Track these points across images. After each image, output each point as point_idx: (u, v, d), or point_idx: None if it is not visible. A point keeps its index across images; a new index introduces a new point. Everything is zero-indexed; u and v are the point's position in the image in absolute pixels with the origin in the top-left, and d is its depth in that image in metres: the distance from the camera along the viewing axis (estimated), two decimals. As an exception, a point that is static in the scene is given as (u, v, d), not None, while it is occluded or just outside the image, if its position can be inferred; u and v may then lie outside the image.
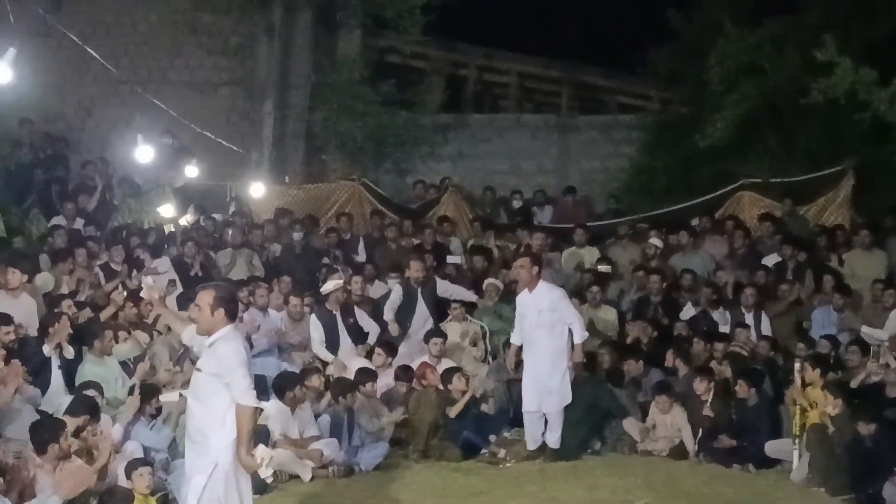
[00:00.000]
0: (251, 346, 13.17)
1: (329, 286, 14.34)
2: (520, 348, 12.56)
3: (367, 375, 12.75)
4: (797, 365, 12.10)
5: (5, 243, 14.56)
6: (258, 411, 7.55)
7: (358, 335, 14.39)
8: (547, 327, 12.17)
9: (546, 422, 12.35)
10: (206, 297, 7.57)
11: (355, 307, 14.59)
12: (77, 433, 9.68)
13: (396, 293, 14.75)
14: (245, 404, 7.35)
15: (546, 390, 12.18)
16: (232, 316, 7.63)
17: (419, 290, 14.71)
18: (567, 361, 12.21)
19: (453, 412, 12.68)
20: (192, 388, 7.69)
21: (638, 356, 13.83)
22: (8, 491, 8.53)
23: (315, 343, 14.07)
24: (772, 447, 11.96)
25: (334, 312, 14.22)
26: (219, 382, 7.41)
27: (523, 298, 12.48)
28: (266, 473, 7.44)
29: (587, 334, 12.58)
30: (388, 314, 14.59)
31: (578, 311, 12.91)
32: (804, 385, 11.89)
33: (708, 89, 19.49)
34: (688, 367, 13.33)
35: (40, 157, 18.05)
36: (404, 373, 13.25)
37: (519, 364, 12.68)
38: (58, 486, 8.41)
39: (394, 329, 14.45)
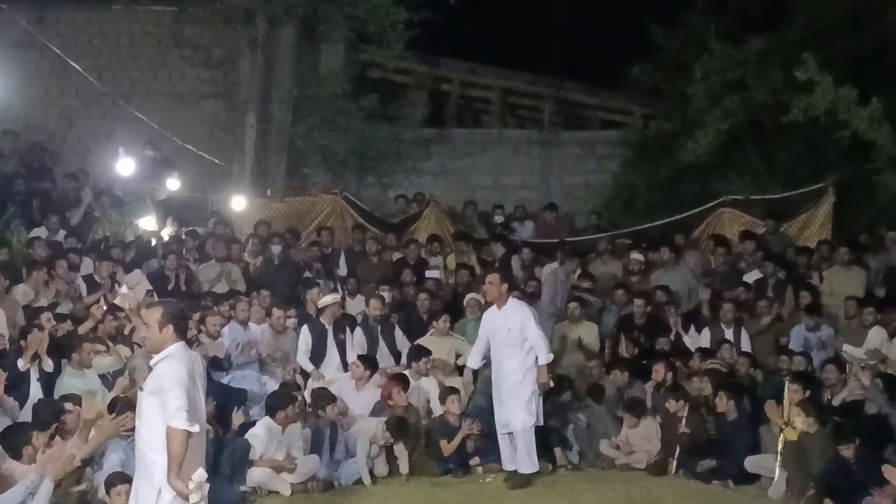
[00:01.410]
0: (230, 362, 13.19)
1: (327, 300, 14.26)
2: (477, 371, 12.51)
3: (400, 431, 12.45)
4: (788, 383, 12.09)
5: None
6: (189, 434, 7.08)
7: (344, 353, 14.13)
8: (517, 345, 11.93)
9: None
10: (154, 314, 7.32)
11: (348, 328, 14.37)
12: (49, 444, 9.68)
13: (359, 336, 14.48)
14: (175, 426, 7.03)
15: (513, 407, 11.90)
16: (181, 333, 7.39)
17: (378, 328, 14.54)
18: (535, 381, 11.97)
19: (448, 450, 12.53)
20: (138, 408, 7.42)
21: (624, 367, 13.87)
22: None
23: (300, 353, 13.98)
24: (752, 463, 11.95)
25: (327, 327, 14.08)
26: (157, 403, 7.16)
27: (491, 315, 12.30)
28: (195, 499, 7.06)
29: (552, 356, 12.27)
30: (351, 357, 14.16)
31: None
32: (790, 404, 11.91)
33: (691, 105, 19.54)
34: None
35: (22, 170, 17.97)
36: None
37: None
38: (45, 466, 8.49)
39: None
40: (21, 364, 11.30)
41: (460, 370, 13.71)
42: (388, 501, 11.34)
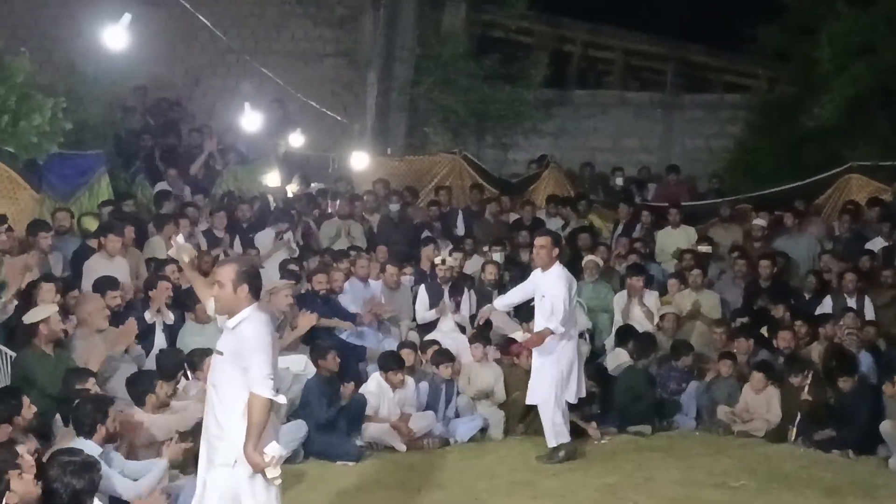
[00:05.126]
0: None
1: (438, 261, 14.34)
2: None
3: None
4: None
5: (115, 206, 14.76)
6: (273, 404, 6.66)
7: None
8: (545, 315, 11.03)
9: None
10: (227, 273, 6.77)
11: (465, 289, 14.25)
12: (174, 392, 9.92)
13: (473, 298, 14.26)
14: (258, 394, 6.55)
15: (534, 380, 11.31)
16: (256, 293, 6.84)
17: (495, 292, 14.00)
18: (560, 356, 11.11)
19: None
20: (212, 373, 6.94)
21: (748, 335, 13.66)
22: (118, 447, 8.77)
23: (419, 309, 14.02)
24: (886, 428, 11.54)
25: (443, 287, 14.06)
26: (238, 367, 6.65)
27: (536, 277, 11.39)
28: (273, 474, 6.60)
29: (562, 329, 10.95)
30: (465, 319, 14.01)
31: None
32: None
33: (817, 69, 19.12)
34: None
35: (151, 124, 18.33)
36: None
37: None
38: (162, 432, 8.75)
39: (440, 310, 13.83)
40: (148, 317, 11.56)
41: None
42: (503, 459, 11.36)
